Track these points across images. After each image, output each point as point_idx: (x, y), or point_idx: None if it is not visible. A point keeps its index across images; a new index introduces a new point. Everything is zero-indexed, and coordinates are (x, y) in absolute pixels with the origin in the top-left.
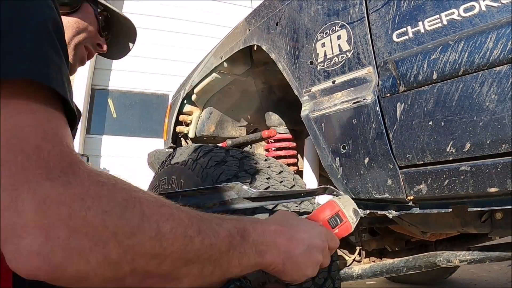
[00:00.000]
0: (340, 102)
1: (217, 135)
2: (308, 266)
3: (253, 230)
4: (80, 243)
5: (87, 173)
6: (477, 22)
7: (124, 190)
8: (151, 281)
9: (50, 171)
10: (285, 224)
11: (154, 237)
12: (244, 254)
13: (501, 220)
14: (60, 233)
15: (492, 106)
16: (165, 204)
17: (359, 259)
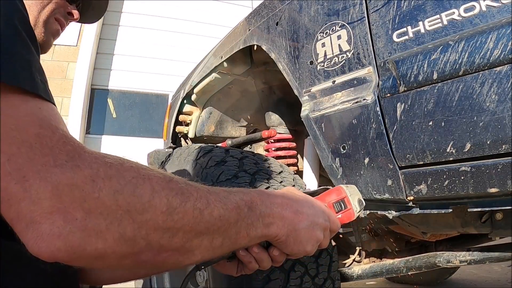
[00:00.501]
0: (340, 102)
1: (217, 135)
2: (309, 242)
3: (260, 203)
4: (96, 223)
5: (93, 156)
6: (477, 22)
7: (132, 168)
8: (165, 254)
9: (56, 157)
10: (292, 198)
11: (165, 212)
12: (251, 225)
13: (501, 220)
14: (76, 215)
15: (493, 106)
16: (173, 179)
17: (359, 260)
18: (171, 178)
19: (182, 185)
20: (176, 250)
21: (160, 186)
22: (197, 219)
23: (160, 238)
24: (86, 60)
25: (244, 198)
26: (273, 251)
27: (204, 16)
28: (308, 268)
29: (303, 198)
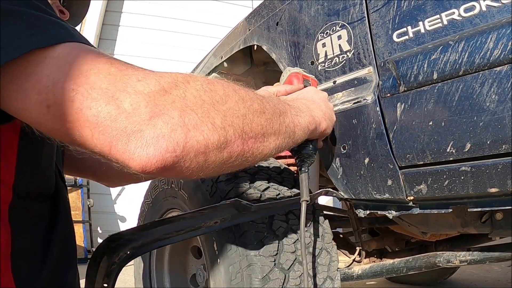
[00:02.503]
0: (341, 102)
1: None
2: (333, 113)
3: (291, 102)
4: (191, 118)
5: (162, 73)
6: (477, 22)
7: (195, 75)
8: (249, 142)
9: (137, 74)
10: (299, 97)
11: (239, 100)
12: (298, 116)
13: (502, 220)
14: (173, 115)
15: (493, 106)
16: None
17: (359, 260)
18: (226, 81)
19: (236, 84)
20: (256, 137)
21: (225, 83)
22: (262, 103)
23: (243, 124)
24: None
25: (279, 99)
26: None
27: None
28: (308, 267)
29: (298, 94)
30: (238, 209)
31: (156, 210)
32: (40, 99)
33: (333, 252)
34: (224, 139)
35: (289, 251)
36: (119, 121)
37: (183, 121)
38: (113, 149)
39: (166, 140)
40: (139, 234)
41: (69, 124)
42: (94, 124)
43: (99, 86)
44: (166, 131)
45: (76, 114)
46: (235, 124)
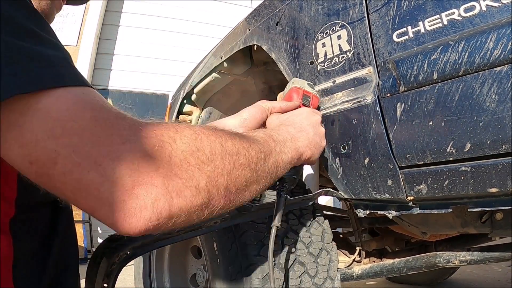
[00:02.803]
0: (341, 102)
1: None
2: (322, 140)
3: (276, 134)
4: (174, 184)
5: (150, 124)
6: (477, 22)
7: (185, 125)
8: (231, 197)
9: (121, 134)
10: (288, 122)
11: (225, 156)
12: (282, 152)
13: (501, 220)
14: (156, 183)
15: (493, 106)
16: (214, 128)
17: (359, 260)
18: (212, 127)
19: (222, 132)
20: (238, 191)
21: (212, 136)
22: (247, 155)
23: (227, 182)
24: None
25: (265, 134)
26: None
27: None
28: (308, 267)
29: (291, 117)
30: (238, 209)
31: None
32: (22, 153)
33: (333, 252)
34: (207, 201)
35: (289, 251)
36: (102, 190)
37: (167, 189)
38: (96, 214)
39: (149, 211)
40: None
41: (52, 184)
42: (77, 190)
43: (82, 149)
44: (149, 202)
45: (58, 176)
46: (219, 184)
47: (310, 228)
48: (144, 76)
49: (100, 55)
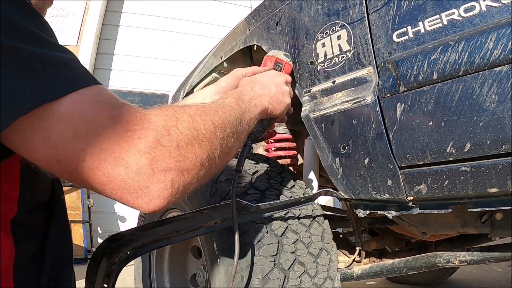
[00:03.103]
0: (340, 102)
1: None
2: (284, 97)
3: (244, 95)
4: (184, 164)
5: (153, 112)
6: (477, 22)
7: (180, 108)
8: (224, 159)
9: (135, 129)
10: (254, 81)
11: (215, 130)
12: (250, 111)
13: (501, 220)
14: (171, 166)
15: (492, 106)
16: (204, 107)
17: (359, 260)
18: (201, 106)
19: (209, 108)
20: (227, 153)
21: (203, 115)
22: (230, 125)
23: (220, 151)
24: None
25: (234, 96)
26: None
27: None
28: (308, 267)
29: (258, 77)
30: (238, 209)
31: None
32: (49, 154)
33: (333, 252)
34: (208, 171)
35: (289, 251)
36: (128, 180)
37: (179, 170)
38: (123, 200)
39: (169, 191)
40: (139, 235)
41: (81, 178)
42: (105, 182)
43: (106, 146)
44: (168, 184)
45: (87, 172)
46: (215, 154)
47: (310, 228)
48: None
49: (100, 55)
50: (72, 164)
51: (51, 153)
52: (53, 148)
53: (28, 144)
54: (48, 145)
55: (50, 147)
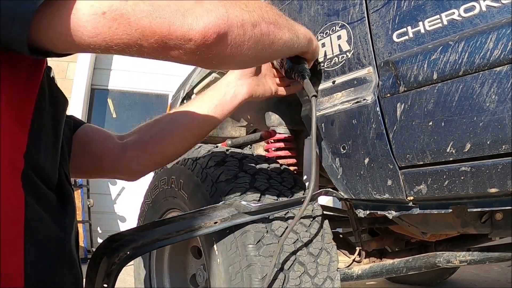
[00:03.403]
0: (340, 102)
1: (217, 135)
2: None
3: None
4: (225, 2)
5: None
6: (477, 22)
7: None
8: (271, 26)
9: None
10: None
11: (258, 5)
12: (297, 27)
13: (501, 220)
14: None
15: (493, 106)
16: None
17: (359, 260)
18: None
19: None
20: (274, 23)
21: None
22: (269, 6)
23: (261, 12)
24: (86, 60)
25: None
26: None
27: None
28: (308, 267)
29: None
30: (238, 209)
31: (156, 210)
32: (94, 10)
33: (333, 252)
34: (253, 19)
35: (289, 251)
36: (172, 6)
37: (222, 3)
38: (172, 28)
39: (215, 12)
40: (139, 235)
41: (126, 20)
42: (151, 12)
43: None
44: (212, 7)
45: (133, 10)
46: (257, 11)
47: (310, 228)
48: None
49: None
50: (117, 9)
51: (95, 9)
52: (97, 3)
53: (75, 12)
54: (92, 3)
55: (94, 4)
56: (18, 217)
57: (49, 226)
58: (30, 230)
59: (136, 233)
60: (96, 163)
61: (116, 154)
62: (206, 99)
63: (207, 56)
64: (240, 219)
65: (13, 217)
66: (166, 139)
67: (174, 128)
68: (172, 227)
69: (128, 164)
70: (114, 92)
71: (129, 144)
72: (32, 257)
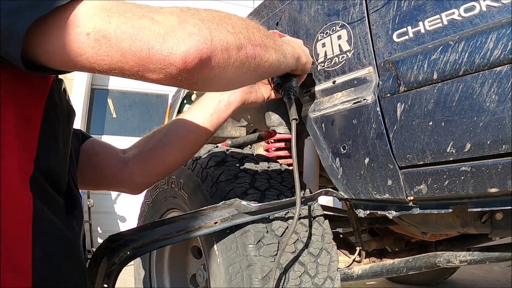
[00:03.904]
0: (340, 102)
1: (217, 135)
2: (309, 54)
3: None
4: (210, 25)
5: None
6: (477, 22)
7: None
8: (257, 48)
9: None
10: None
11: (238, 19)
12: (283, 44)
13: (501, 220)
14: (197, 21)
15: (493, 106)
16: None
17: (359, 260)
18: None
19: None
20: (260, 45)
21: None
22: (256, 25)
23: (248, 33)
24: None
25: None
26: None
27: None
28: (308, 267)
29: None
30: (238, 209)
31: (156, 210)
32: (79, 31)
33: (333, 252)
34: (238, 42)
35: (289, 251)
36: (153, 28)
37: (206, 26)
38: (151, 51)
39: (197, 36)
40: (139, 235)
41: (108, 42)
42: (132, 35)
43: (130, 10)
44: (195, 30)
45: (114, 32)
46: (243, 32)
47: (310, 228)
48: None
49: None
50: (100, 31)
51: (80, 30)
52: (82, 26)
53: (61, 30)
54: (77, 24)
55: (79, 26)
56: (26, 217)
57: (57, 227)
58: (38, 230)
59: (136, 233)
60: (100, 175)
61: (119, 167)
62: (201, 108)
63: (189, 80)
64: (240, 219)
65: (21, 217)
66: (165, 150)
67: (172, 139)
68: (172, 227)
69: (130, 176)
70: (114, 92)
71: (131, 158)
72: (40, 255)
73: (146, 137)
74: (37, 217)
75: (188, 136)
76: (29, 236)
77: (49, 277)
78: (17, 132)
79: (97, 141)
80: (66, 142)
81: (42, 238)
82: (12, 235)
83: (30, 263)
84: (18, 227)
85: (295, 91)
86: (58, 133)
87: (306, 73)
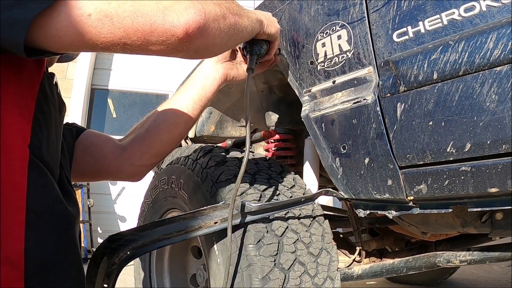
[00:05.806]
0: (341, 102)
1: (217, 135)
2: (275, 22)
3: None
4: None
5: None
6: (477, 22)
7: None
8: (236, 16)
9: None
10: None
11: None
12: (251, 14)
13: (502, 220)
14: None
15: (493, 106)
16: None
17: (359, 260)
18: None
19: None
20: (238, 14)
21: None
22: (234, 3)
23: (227, 5)
24: (86, 60)
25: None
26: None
27: None
28: (308, 267)
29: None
30: (238, 209)
31: (156, 210)
32: (81, 13)
33: (333, 252)
34: (222, 12)
35: (289, 251)
36: (152, 4)
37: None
38: (153, 26)
39: (193, 9)
40: (139, 235)
41: (110, 20)
42: (133, 12)
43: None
44: (190, 4)
45: (116, 10)
46: (224, 4)
47: (310, 228)
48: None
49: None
50: (101, 10)
51: (82, 12)
52: (84, 7)
53: (64, 13)
54: (79, 6)
55: (81, 7)
56: (19, 205)
57: (52, 215)
58: (31, 219)
59: (136, 233)
60: (99, 164)
61: (118, 153)
62: (190, 86)
63: (188, 49)
64: (240, 219)
65: (15, 204)
66: (160, 128)
67: (166, 117)
68: (172, 227)
69: (129, 160)
70: (114, 92)
71: (128, 143)
72: (33, 243)
73: (140, 122)
74: (31, 205)
75: (181, 112)
76: (22, 225)
77: (42, 266)
78: (15, 119)
79: (93, 132)
80: (58, 134)
81: (35, 228)
82: (4, 223)
83: (22, 252)
84: (11, 215)
85: (257, 51)
86: (50, 123)
87: (275, 39)
